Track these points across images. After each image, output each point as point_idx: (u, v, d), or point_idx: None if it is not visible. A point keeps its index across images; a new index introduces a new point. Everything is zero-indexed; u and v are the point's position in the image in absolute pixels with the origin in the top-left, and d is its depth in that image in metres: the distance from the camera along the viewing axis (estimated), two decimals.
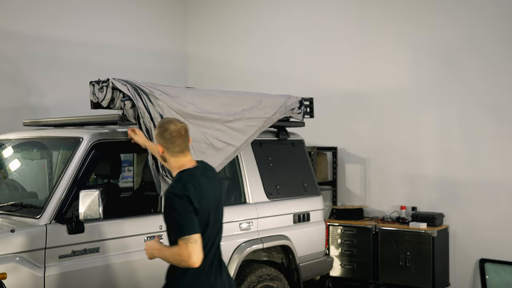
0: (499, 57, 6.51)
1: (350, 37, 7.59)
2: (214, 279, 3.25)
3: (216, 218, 3.31)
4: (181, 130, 3.29)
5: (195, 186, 3.17)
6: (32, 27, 6.97)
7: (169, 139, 3.26)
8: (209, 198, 3.25)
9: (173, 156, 3.29)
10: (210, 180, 3.31)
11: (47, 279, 3.70)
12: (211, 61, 8.92)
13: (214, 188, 3.33)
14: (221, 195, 3.41)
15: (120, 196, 5.31)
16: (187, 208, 3.08)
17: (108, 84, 4.23)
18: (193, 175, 3.24)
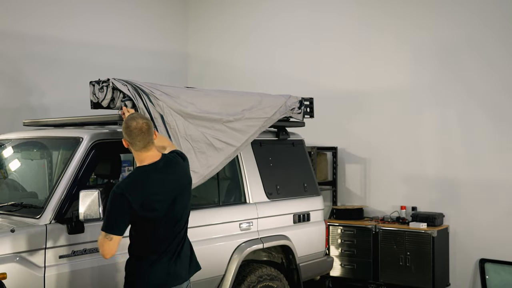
0: (499, 57, 6.51)
1: (350, 37, 7.59)
2: (167, 266, 3.47)
3: (172, 213, 3.47)
4: (142, 127, 3.43)
5: (141, 185, 3.37)
6: (32, 27, 6.97)
7: (131, 135, 3.43)
8: (161, 196, 3.42)
9: (136, 151, 3.48)
10: (166, 176, 3.48)
11: (47, 279, 3.70)
12: (211, 61, 8.92)
13: (171, 185, 3.49)
14: (180, 191, 3.54)
15: None
16: (120, 210, 3.34)
17: (108, 84, 4.24)
18: (145, 173, 3.44)
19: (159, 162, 3.50)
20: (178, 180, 3.57)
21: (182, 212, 3.57)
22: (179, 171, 3.59)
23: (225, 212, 4.91)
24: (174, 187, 3.51)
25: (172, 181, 3.52)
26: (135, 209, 3.34)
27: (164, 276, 3.47)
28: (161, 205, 3.44)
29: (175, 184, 3.53)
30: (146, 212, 3.39)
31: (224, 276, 4.74)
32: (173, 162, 3.58)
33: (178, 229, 3.55)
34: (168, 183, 3.49)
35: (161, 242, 3.48)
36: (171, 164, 3.55)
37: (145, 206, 3.38)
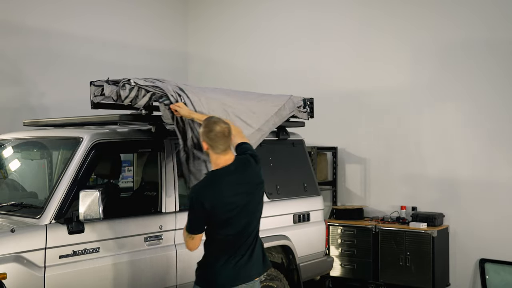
0: (499, 57, 6.51)
1: (350, 37, 7.59)
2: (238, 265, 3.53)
3: (244, 214, 3.52)
4: (224, 131, 3.53)
5: (213, 189, 3.46)
6: (32, 27, 6.97)
7: (214, 139, 3.51)
8: (233, 198, 3.48)
9: (216, 154, 3.55)
10: (238, 179, 3.53)
11: (47, 279, 3.70)
12: (211, 61, 8.92)
13: (242, 187, 3.53)
14: (252, 193, 3.57)
15: (120, 196, 5.31)
16: (196, 212, 3.48)
17: (130, 81, 4.17)
18: (217, 176, 3.52)
19: (231, 165, 3.55)
20: (249, 182, 3.59)
21: (254, 213, 3.61)
22: (250, 173, 3.61)
23: None
24: (246, 189, 3.55)
25: (244, 183, 3.55)
26: (208, 210, 3.44)
27: (234, 274, 3.51)
28: (233, 207, 3.48)
29: (246, 186, 3.56)
30: (219, 214, 3.46)
31: None
32: (245, 165, 3.61)
33: (250, 230, 3.58)
34: (240, 186, 3.53)
35: (233, 242, 3.52)
36: (243, 167, 3.59)
37: (217, 208, 3.45)
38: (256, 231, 3.66)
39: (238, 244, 3.54)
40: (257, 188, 3.62)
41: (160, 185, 4.51)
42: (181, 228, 4.50)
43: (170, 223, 4.46)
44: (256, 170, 3.64)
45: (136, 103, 4.24)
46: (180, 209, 4.56)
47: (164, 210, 4.48)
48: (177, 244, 4.47)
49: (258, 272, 3.64)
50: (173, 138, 4.71)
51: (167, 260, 4.39)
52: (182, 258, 4.46)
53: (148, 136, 4.56)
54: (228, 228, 3.50)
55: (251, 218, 3.59)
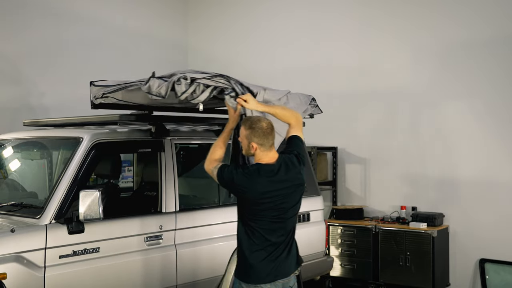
0: (499, 57, 6.51)
1: (350, 37, 7.59)
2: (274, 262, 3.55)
3: (280, 213, 3.53)
4: (269, 127, 3.58)
5: (253, 182, 3.47)
6: (32, 27, 6.97)
7: (264, 136, 3.53)
8: (269, 194, 3.48)
9: (263, 151, 3.56)
10: (278, 178, 3.52)
11: (47, 279, 3.70)
12: (211, 61, 8.91)
13: (281, 185, 3.52)
14: (290, 194, 3.56)
15: (120, 196, 5.31)
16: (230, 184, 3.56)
17: (186, 77, 3.95)
18: (259, 171, 3.50)
19: (274, 165, 3.55)
20: (289, 182, 3.58)
21: (290, 213, 3.61)
22: (292, 175, 3.59)
23: (225, 212, 4.91)
24: (284, 188, 3.54)
25: (283, 182, 3.54)
26: (244, 196, 3.51)
27: (273, 270, 3.54)
28: (269, 205, 3.50)
29: (285, 185, 3.55)
30: (254, 205, 3.50)
31: (224, 276, 4.75)
32: (288, 167, 3.59)
33: (286, 228, 3.60)
34: (279, 184, 3.52)
35: (268, 239, 3.53)
36: (286, 169, 3.58)
37: (254, 201, 3.49)
38: (293, 230, 3.68)
39: (276, 240, 3.55)
40: (296, 189, 3.62)
41: (160, 185, 4.51)
42: (181, 228, 4.52)
43: (170, 223, 4.46)
44: (298, 171, 3.63)
45: (194, 99, 3.97)
46: (180, 209, 4.56)
47: (164, 210, 4.48)
48: (177, 244, 4.47)
49: (294, 268, 3.66)
50: (173, 138, 4.71)
51: (167, 260, 4.39)
52: (182, 258, 4.46)
53: (148, 136, 4.56)
54: (263, 224, 3.52)
55: (287, 217, 3.58)
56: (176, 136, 4.76)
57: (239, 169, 3.56)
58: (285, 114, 3.84)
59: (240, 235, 3.61)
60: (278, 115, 3.83)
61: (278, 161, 3.58)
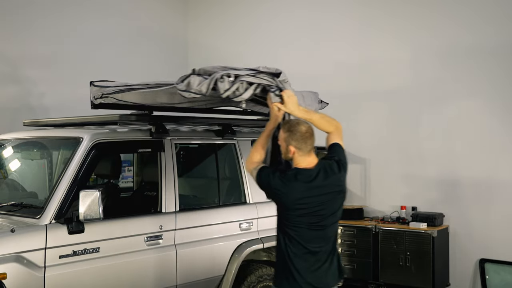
0: (500, 57, 6.51)
1: (350, 37, 7.59)
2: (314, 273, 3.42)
3: (318, 221, 3.40)
4: (308, 131, 3.47)
5: (289, 187, 3.39)
6: (32, 27, 6.97)
7: (302, 140, 3.43)
8: (305, 201, 3.37)
9: (302, 156, 3.46)
10: (316, 184, 3.40)
11: (47, 279, 3.70)
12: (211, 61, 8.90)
13: (318, 192, 3.40)
14: (328, 201, 3.43)
15: (120, 196, 5.31)
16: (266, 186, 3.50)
17: (230, 74, 3.80)
18: (297, 176, 3.41)
19: (313, 170, 3.44)
20: (327, 189, 3.44)
21: (330, 221, 3.47)
22: (331, 181, 3.46)
23: (225, 212, 4.91)
24: (322, 195, 3.42)
25: (321, 188, 3.42)
26: (280, 201, 3.43)
27: (309, 281, 3.40)
28: (305, 211, 3.39)
29: (323, 192, 3.42)
30: (290, 211, 3.40)
31: (224, 276, 4.75)
32: (327, 173, 3.46)
33: (326, 237, 3.47)
34: (316, 190, 3.41)
35: (306, 247, 3.41)
36: (325, 175, 3.45)
37: (289, 206, 3.40)
38: (334, 239, 3.54)
39: (315, 249, 3.42)
40: (335, 196, 3.48)
41: (160, 185, 4.51)
42: (181, 228, 4.52)
43: (170, 223, 4.46)
44: (337, 178, 3.49)
45: (237, 96, 3.80)
46: (180, 209, 4.56)
47: (164, 210, 4.48)
48: (177, 244, 4.47)
49: (335, 280, 3.52)
50: (173, 138, 4.71)
51: (167, 260, 4.39)
52: (182, 258, 4.46)
53: (148, 136, 4.56)
54: (299, 232, 3.41)
55: (326, 225, 3.45)
56: (176, 136, 4.76)
57: (277, 172, 3.47)
58: (322, 122, 3.66)
59: (278, 242, 3.50)
60: (315, 123, 3.64)
61: (317, 167, 3.46)
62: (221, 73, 3.75)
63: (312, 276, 3.41)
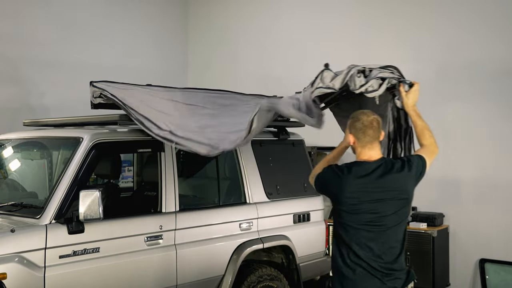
0: (499, 57, 6.51)
1: (350, 37, 7.59)
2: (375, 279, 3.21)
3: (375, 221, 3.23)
4: (373, 122, 3.33)
5: (345, 178, 3.28)
6: (32, 28, 6.97)
7: (361, 129, 3.33)
8: (357, 195, 3.24)
9: (361, 147, 3.37)
10: (371, 180, 3.25)
11: (47, 279, 3.70)
12: (211, 63, 8.91)
13: (373, 189, 3.25)
14: (384, 200, 3.24)
15: (120, 196, 5.31)
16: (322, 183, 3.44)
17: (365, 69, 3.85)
18: (354, 168, 3.33)
19: (372, 163, 3.31)
20: (385, 187, 3.26)
21: (390, 221, 3.25)
22: (390, 178, 3.27)
23: (225, 212, 4.91)
24: (378, 192, 3.25)
25: (375, 186, 3.26)
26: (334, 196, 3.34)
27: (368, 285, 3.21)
28: (357, 207, 3.25)
29: (379, 189, 3.25)
30: (343, 205, 3.28)
31: (224, 276, 4.75)
32: (388, 167, 3.30)
33: (388, 239, 3.24)
34: (369, 186, 3.25)
35: (368, 247, 3.22)
36: (385, 169, 3.29)
37: (342, 201, 3.28)
38: (399, 243, 3.27)
39: (376, 252, 3.21)
40: (395, 196, 3.26)
41: (160, 185, 4.51)
42: (181, 228, 4.52)
43: (170, 223, 4.46)
44: (398, 176, 3.29)
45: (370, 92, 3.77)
46: (180, 209, 4.56)
47: (164, 210, 4.48)
48: (177, 244, 4.47)
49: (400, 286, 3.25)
50: None
51: (167, 260, 4.39)
52: (182, 258, 4.46)
53: (148, 136, 4.56)
54: (358, 232, 3.23)
55: (383, 227, 3.24)
56: None
57: (332, 166, 3.40)
58: (423, 132, 3.53)
59: (334, 243, 3.35)
60: (416, 128, 3.57)
61: (378, 162, 3.30)
62: (357, 68, 3.74)
63: (371, 281, 3.19)
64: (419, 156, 3.49)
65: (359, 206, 3.25)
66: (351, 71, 3.68)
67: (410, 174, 3.37)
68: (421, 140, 3.56)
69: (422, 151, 3.53)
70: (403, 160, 3.39)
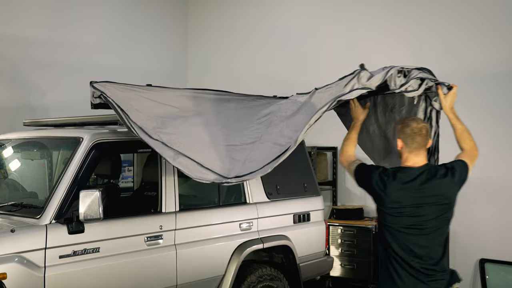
0: (499, 57, 6.51)
1: (350, 37, 7.59)
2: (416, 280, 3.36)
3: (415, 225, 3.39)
4: (422, 129, 3.49)
5: (388, 183, 3.42)
6: (32, 28, 6.97)
7: (410, 135, 3.45)
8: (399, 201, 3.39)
9: (408, 152, 3.47)
10: (413, 186, 3.38)
11: (47, 279, 3.70)
12: (211, 63, 8.91)
13: (415, 194, 3.38)
14: (427, 206, 3.40)
15: (120, 196, 5.31)
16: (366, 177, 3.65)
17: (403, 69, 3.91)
18: (397, 174, 3.43)
19: (417, 169, 3.44)
20: (427, 192, 3.40)
21: (431, 226, 3.44)
22: (432, 186, 3.41)
23: (225, 212, 4.91)
24: (420, 197, 3.39)
25: (419, 191, 3.40)
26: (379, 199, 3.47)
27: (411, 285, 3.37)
28: (400, 210, 3.41)
29: (422, 194, 3.40)
30: (386, 209, 3.45)
31: (224, 276, 4.75)
32: (431, 174, 3.44)
33: (429, 242, 3.42)
34: (413, 191, 3.39)
35: (409, 249, 3.40)
36: (428, 174, 3.43)
37: (385, 204, 3.45)
38: (440, 246, 3.47)
39: (418, 253, 3.38)
40: (437, 201, 3.42)
41: (160, 185, 4.51)
42: (181, 228, 4.52)
43: (170, 223, 4.46)
44: (441, 182, 3.43)
45: (410, 92, 3.88)
46: (180, 209, 4.56)
47: (164, 210, 4.48)
48: (177, 244, 4.47)
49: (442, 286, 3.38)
50: None
51: (167, 260, 4.39)
52: (182, 258, 4.46)
53: None
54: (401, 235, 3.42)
55: (425, 232, 3.42)
56: None
57: (380, 169, 3.51)
58: (463, 136, 3.79)
59: (378, 244, 3.54)
60: (457, 132, 3.78)
61: (422, 168, 3.44)
62: (397, 68, 3.82)
63: (413, 281, 3.34)
64: (462, 162, 3.65)
65: (401, 210, 3.39)
66: (391, 71, 3.78)
67: (453, 180, 3.50)
68: (461, 144, 3.75)
69: (463, 155, 3.70)
70: (446, 167, 3.54)
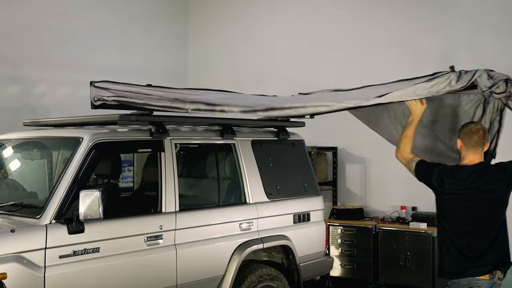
0: (499, 57, 6.51)
1: (350, 36, 7.59)
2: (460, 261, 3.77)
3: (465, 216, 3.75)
4: (478, 129, 3.83)
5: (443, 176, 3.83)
6: (32, 28, 6.97)
7: (467, 134, 3.82)
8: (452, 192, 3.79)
9: (464, 150, 3.83)
10: (464, 181, 3.76)
11: (47, 279, 3.70)
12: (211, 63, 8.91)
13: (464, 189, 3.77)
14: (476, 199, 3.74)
15: (120, 196, 5.31)
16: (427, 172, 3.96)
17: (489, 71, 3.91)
18: (453, 170, 3.85)
19: (471, 167, 3.79)
20: (479, 188, 3.74)
21: (482, 220, 3.74)
22: (484, 181, 3.74)
23: (225, 212, 4.91)
24: (473, 193, 3.75)
25: (473, 187, 3.75)
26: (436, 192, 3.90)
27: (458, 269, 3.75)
28: (455, 203, 3.79)
29: (474, 191, 3.75)
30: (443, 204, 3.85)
31: (224, 276, 4.75)
32: (484, 170, 3.79)
33: (478, 235, 3.74)
34: (468, 187, 3.75)
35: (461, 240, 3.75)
36: (481, 171, 3.78)
37: (443, 199, 3.85)
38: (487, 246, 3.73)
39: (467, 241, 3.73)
40: (486, 194, 3.73)
41: (160, 185, 4.51)
42: (181, 228, 4.52)
43: (170, 223, 4.46)
44: (492, 178, 3.74)
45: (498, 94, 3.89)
46: (180, 209, 4.56)
47: (164, 210, 4.48)
48: (177, 244, 4.47)
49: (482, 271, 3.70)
50: (173, 138, 4.70)
51: (167, 260, 4.39)
52: (182, 258, 4.46)
53: (148, 136, 4.56)
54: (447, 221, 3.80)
55: (475, 222, 3.74)
56: (176, 136, 4.76)
57: (440, 166, 3.90)
58: None
59: (440, 231, 3.89)
60: None
61: (476, 165, 3.78)
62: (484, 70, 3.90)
63: (461, 264, 3.72)
64: None
65: (457, 202, 3.78)
66: (478, 72, 3.89)
67: (504, 177, 3.76)
68: None
69: None
70: (500, 164, 3.85)
